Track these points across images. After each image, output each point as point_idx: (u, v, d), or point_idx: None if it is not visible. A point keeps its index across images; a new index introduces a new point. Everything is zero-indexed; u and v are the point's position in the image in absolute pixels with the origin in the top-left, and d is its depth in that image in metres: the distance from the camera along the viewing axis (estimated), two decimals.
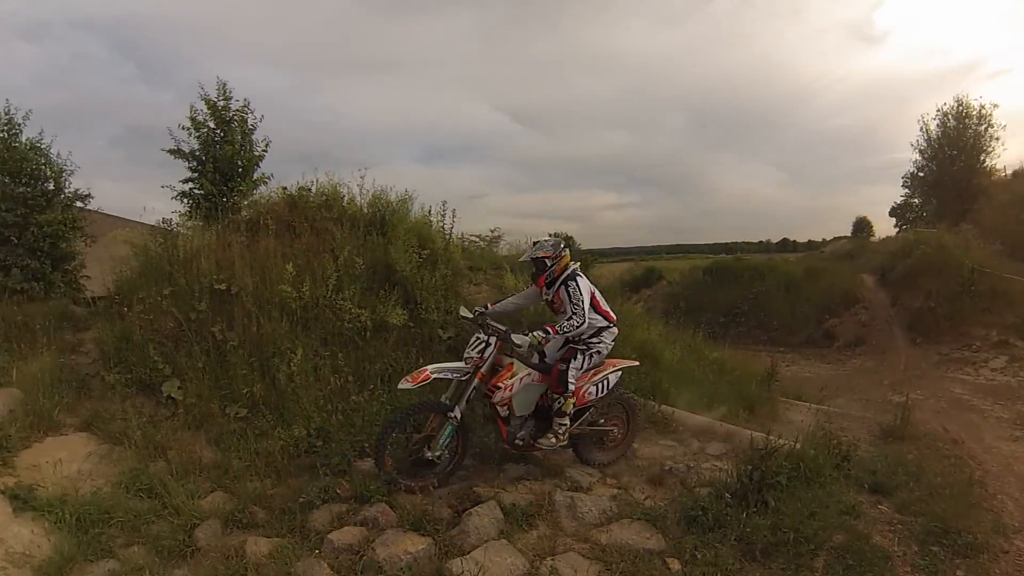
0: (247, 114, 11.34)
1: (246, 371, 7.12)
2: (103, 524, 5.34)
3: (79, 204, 11.10)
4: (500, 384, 6.09)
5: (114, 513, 5.46)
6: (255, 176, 11.43)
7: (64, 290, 10.03)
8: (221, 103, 11.10)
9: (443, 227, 9.28)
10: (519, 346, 6.06)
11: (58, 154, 10.81)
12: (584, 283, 6.28)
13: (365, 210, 9.38)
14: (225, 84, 11.09)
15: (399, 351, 7.78)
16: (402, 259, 8.27)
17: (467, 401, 6.08)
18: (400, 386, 6.00)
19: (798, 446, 6.09)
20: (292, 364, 7.02)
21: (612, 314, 6.54)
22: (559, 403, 6.15)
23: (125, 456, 6.29)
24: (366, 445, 6.49)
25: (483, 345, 6.07)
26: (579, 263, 6.57)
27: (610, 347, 6.52)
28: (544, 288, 6.47)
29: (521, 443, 6.24)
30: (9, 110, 10.54)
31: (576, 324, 6.07)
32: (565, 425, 6.23)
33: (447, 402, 6.08)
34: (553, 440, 6.22)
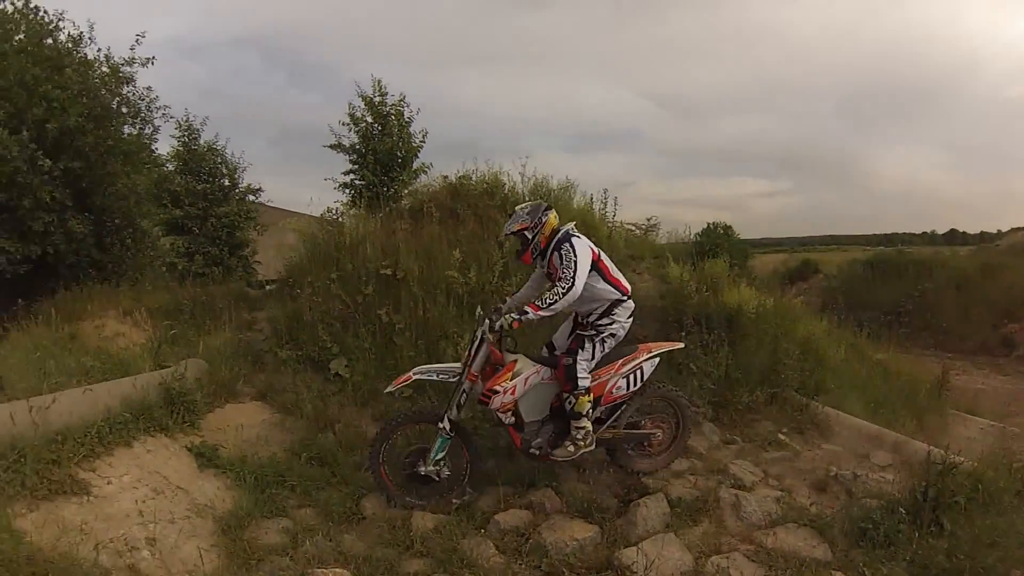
0: (403, 107, 11.92)
1: (412, 353, 7.24)
2: (277, 486, 5.65)
3: (251, 197, 11.95)
4: (497, 387, 5.26)
5: (288, 477, 5.78)
6: (415, 166, 11.93)
7: (239, 274, 10.82)
8: (377, 99, 11.79)
9: (605, 215, 9.15)
10: (486, 332, 5.21)
11: (232, 153, 11.83)
12: (582, 244, 5.21)
13: (527, 198, 9.35)
14: (380, 81, 11.81)
15: None
16: None
17: (459, 407, 5.35)
18: (386, 390, 5.72)
19: (978, 466, 5.55)
20: (459, 348, 7.09)
21: (626, 284, 5.42)
22: (570, 403, 5.22)
23: (296, 426, 6.62)
24: None
25: (475, 341, 5.30)
26: (573, 223, 5.54)
27: (627, 327, 5.38)
28: (539, 263, 5.49)
29: (538, 452, 5.37)
30: (188, 118, 11.59)
31: (561, 292, 4.98)
32: (585, 429, 5.25)
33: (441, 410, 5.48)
34: (571, 449, 5.26)
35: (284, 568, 4.52)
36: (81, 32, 10.74)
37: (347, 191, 11.86)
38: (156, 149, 12.40)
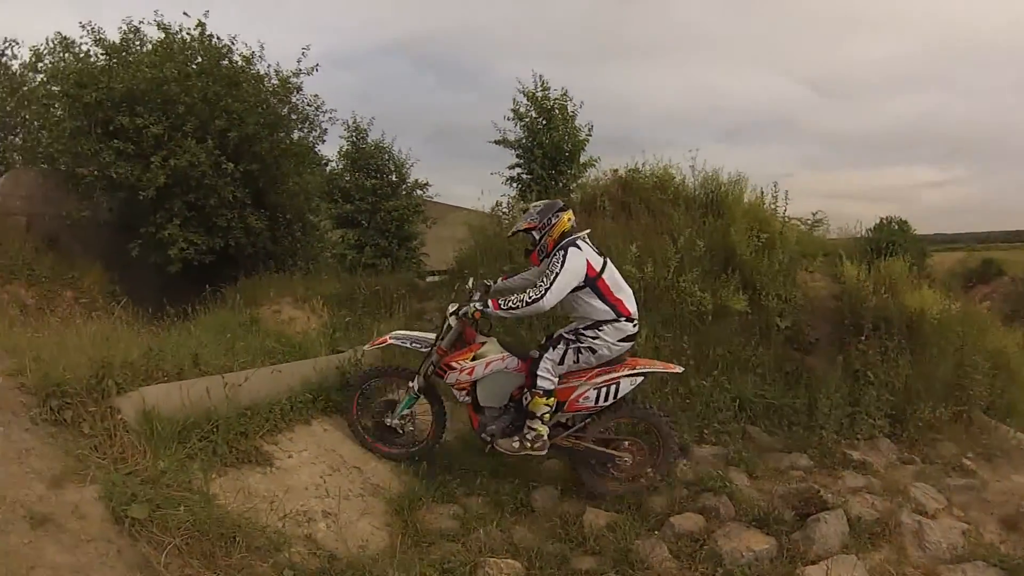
0: (566, 102, 11.92)
1: None
2: (447, 472, 5.63)
3: (418, 192, 12.32)
4: (454, 364, 5.24)
5: (457, 463, 5.76)
6: (582, 160, 11.91)
7: (407, 265, 11.14)
8: (540, 94, 11.82)
9: (775, 209, 8.77)
10: (455, 314, 5.20)
11: (399, 151, 12.32)
12: (576, 257, 4.86)
13: (697, 192, 9.09)
14: (542, 76, 11.89)
15: (739, 338, 7.38)
16: (743, 242, 7.86)
17: (425, 377, 5.43)
18: (364, 347, 5.90)
19: None
20: (636, 343, 6.95)
21: (629, 307, 5.07)
22: (526, 399, 5.03)
23: (464, 414, 6.58)
24: (705, 431, 6.34)
25: (446, 319, 5.29)
26: (587, 231, 5.28)
27: (613, 348, 5.03)
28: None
29: (488, 439, 5.22)
30: (356, 119, 12.17)
31: (528, 300, 4.79)
32: (537, 431, 5.00)
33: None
34: (516, 445, 5.05)
35: (455, 554, 4.46)
36: (252, 51, 11.95)
37: (514, 185, 12.01)
38: (319, 150, 13.44)
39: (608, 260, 5.13)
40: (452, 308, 5.27)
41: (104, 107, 10.47)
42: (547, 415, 4.99)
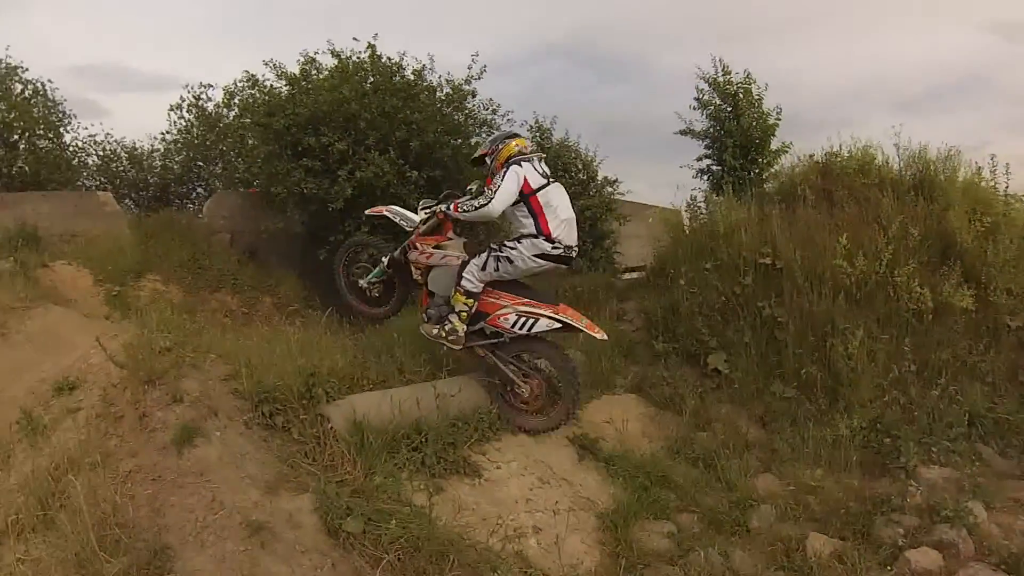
0: (750, 84, 11.32)
1: (800, 350, 6.57)
2: (658, 485, 5.29)
3: (608, 189, 11.94)
4: (418, 245, 5.71)
5: (669, 476, 5.40)
6: (773, 146, 11.20)
7: (603, 264, 10.82)
8: (722, 79, 11.24)
9: (994, 187, 7.68)
10: (422, 209, 5.84)
11: (586, 148, 11.98)
12: (516, 171, 5.25)
13: (904, 172, 8.30)
14: (721, 59, 11.28)
15: (964, 340, 6.63)
16: (963, 228, 7.08)
17: (401, 252, 5.88)
18: (365, 212, 6.58)
19: None
20: (850, 346, 6.26)
21: (551, 228, 5.25)
22: (451, 293, 5.37)
23: (672, 422, 6.26)
24: (934, 449, 5.64)
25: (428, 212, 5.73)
26: (537, 157, 5.58)
27: (528, 263, 5.25)
28: None
29: (425, 320, 5.67)
30: (537, 119, 11.98)
31: (477, 205, 5.22)
32: (453, 325, 5.29)
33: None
34: (435, 332, 5.39)
35: None
36: (423, 64, 12.26)
37: (704, 177, 11.49)
38: None
39: (555, 184, 5.49)
40: (424, 203, 5.88)
41: (292, 131, 11.27)
42: (464, 313, 5.29)
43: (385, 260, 6.07)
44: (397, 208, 6.23)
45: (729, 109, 11.25)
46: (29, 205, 12.06)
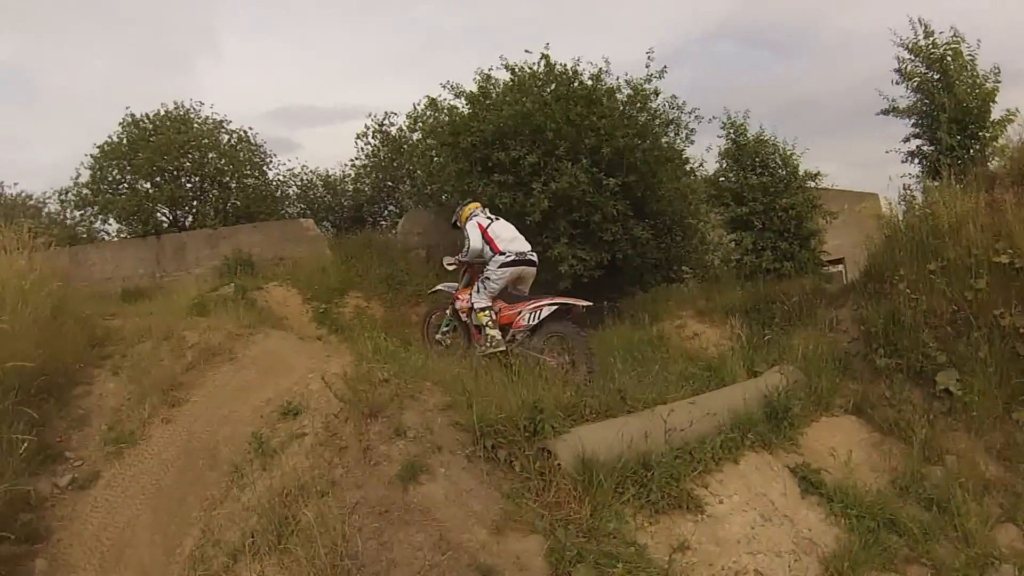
0: (959, 43, 9.65)
1: None
2: (887, 529, 4.91)
3: (811, 183, 11.23)
4: (458, 297, 7.52)
5: (898, 519, 5.00)
6: (996, 116, 9.70)
7: (811, 267, 10.18)
8: (924, 42, 9.80)
9: None
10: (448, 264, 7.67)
11: (784, 141, 11.25)
12: (472, 223, 7.42)
13: None
14: (922, 19, 9.81)
15: None
16: None
17: (452, 306, 7.70)
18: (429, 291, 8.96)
19: None
20: None
21: (500, 247, 7.15)
22: (472, 316, 7.16)
23: (898, 451, 5.82)
24: None
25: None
26: (481, 209, 7.71)
27: (499, 272, 7.03)
28: None
29: (479, 349, 6.95)
30: (729, 114, 11.47)
31: (466, 249, 7.37)
32: (490, 335, 6.88)
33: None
34: (482, 349, 6.86)
35: None
36: (599, 68, 12.19)
37: (915, 160, 10.33)
38: (690, 152, 13.19)
39: (498, 221, 7.55)
40: (447, 260, 7.68)
41: (479, 148, 11.61)
42: (490, 321, 6.95)
43: (448, 313, 7.82)
44: (444, 284, 8.18)
45: (937, 77, 9.65)
46: (243, 235, 13.88)
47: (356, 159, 17.82)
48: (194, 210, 15.32)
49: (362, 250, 12.89)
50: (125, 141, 14.67)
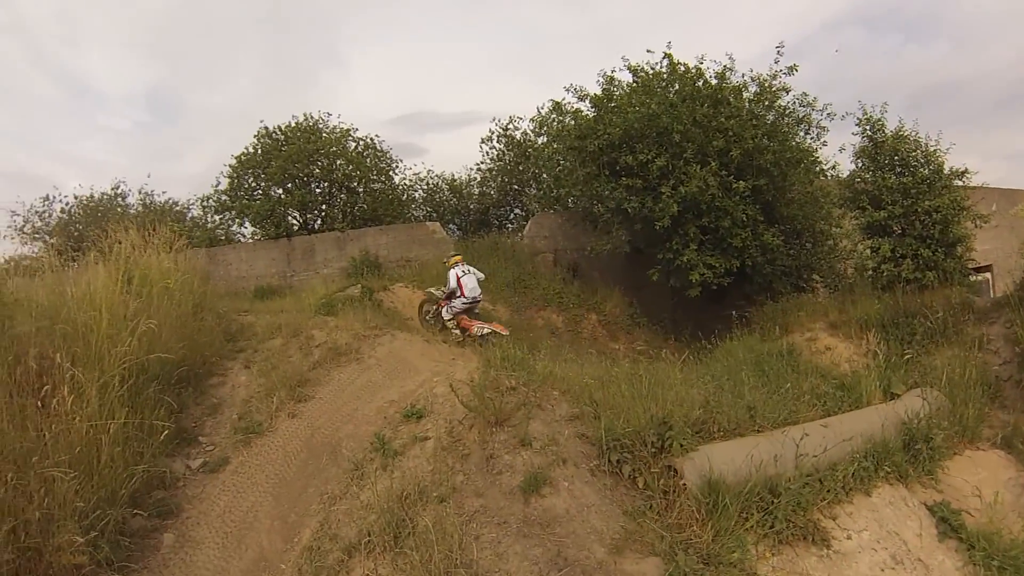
0: None
1: None
2: None
3: (957, 183, 10.36)
4: (442, 305, 10.32)
5: None
6: None
7: (956, 277, 9.40)
8: None
9: None
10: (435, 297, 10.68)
11: (927, 137, 10.40)
12: (451, 274, 10.11)
13: None
14: None
15: None
16: None
17: (437, 308, 10.57)
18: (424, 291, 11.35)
19: None
20: None
21: (465, 292, 10.02)
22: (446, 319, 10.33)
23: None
24: None
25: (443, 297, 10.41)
26: (461, 263, 10.27)
27: (460, 306, 10.06)
28: None
29: (452, 329, 10.15)
30: (865, 109, 10.83)
31: (445, 291, 10.24)
32: (455, 333, 10.00)
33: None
34: (453, 336, 9.92)
35: None
36: (723, 66, 11.90)
37: None
38: (823, 151, 12.63)
39: (470, 270, 10.20)
40: (432, 290, 10.78)
41: (606, 151, 11.48)
42: (454, 326, 10.07)
43: (434, 308, 10.64)
44: (431, 290, 10.83)
45: None
46: (370, 238, 14.54)
47: (481, 163, 18.33)
48: (323, 213, 16.18)
49: (488, 253, 13.09)
50: (259, 151, 15.72)
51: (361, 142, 16.53)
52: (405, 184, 17.94)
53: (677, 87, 11.73)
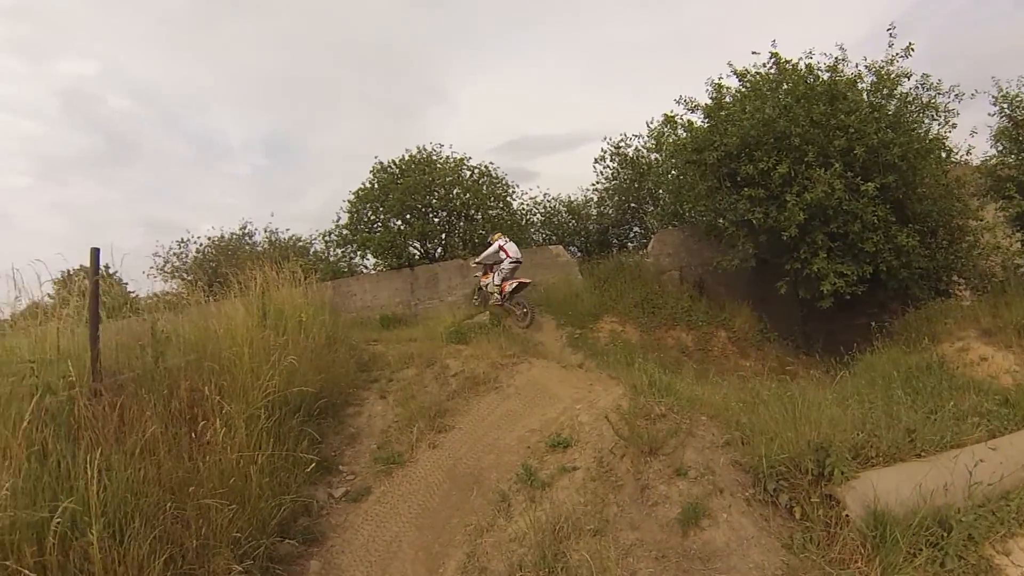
0: None
1: None
2: None
3: None
4: (483, 280, 12.72)
5: None
6: None
7: None
8: None
9: None
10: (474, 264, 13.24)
11: None
12: (493, 246, 12.50)
13: None
14: None
15: None
16: None
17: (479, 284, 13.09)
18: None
19: None
20: None
21: (511, 253, 12.23)
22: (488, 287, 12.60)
23: None
24: None
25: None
26: (501, 238, 12.64)
27: (504, 271, 12.14)
28: None
29: (492, 300, 12.32)
30: (1000, 86, 10.15)
31: (481, 256, 12.71)
32: (495, 296, 12.24)
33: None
34: (493, 300, 12.31)
35: None
36: (836, 58, 11.43)
37: None
38: (948, 138, 11.67)
39: (508, 241, 12.46)
40: (473, 261, 13.22)
41: (725, 162, 11.29)
42: (495, 293, 12.10)
43: (478, 289, 12.87)
44: (474, 268, 13.35)
45: None
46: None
47: (597, 183, 18.42)
48: (443, 242, 16.61)
49: (614, 274, 13.15)
50: (376, 185, 16.37)
51: (476, 170, 16.88)
52: (523, 209, 18.22)
53: (787, 87, 11.31)
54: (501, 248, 12.06)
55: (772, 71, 11.76)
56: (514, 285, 11.70)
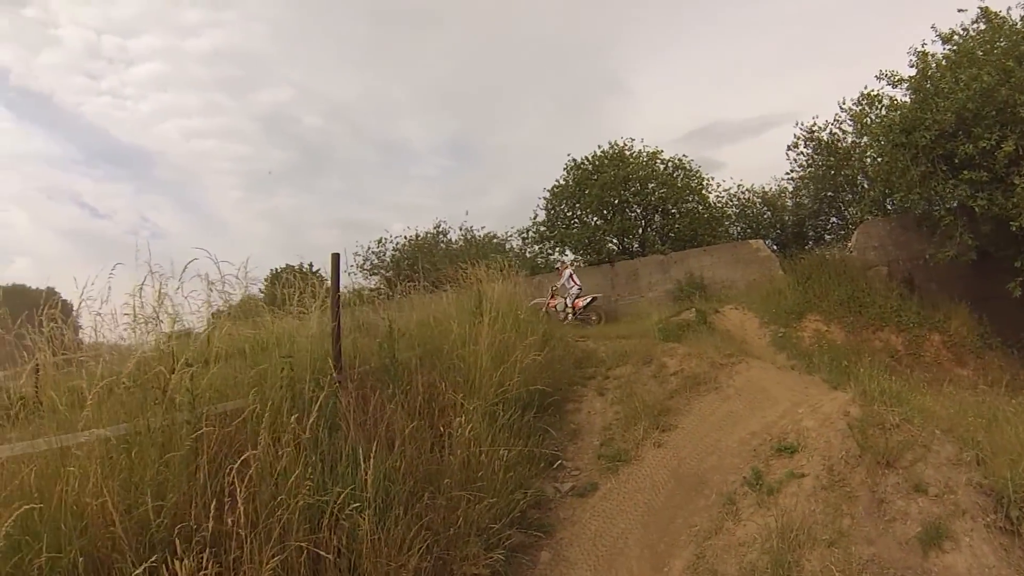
0: None
1: None
2: None
3: None
4: (551, 302, 14.63)
5: None
6: None
7: None
8: None
9: None
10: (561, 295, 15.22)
11: None
12: (566, 273, 15.14)
13: None
14: None
15: None
16: None
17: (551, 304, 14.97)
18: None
19: None
20: None
21: (576, 283, 14.81)
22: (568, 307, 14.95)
23: None
24: None
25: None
26: (572, 267, 15.79)
27: (572, 294, 14.65)
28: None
29: (566, 318, 14.27)
30: None
31: (558, 286, 15.04)
32: (567, 314, 14.40)
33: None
34: (567, 318, 14.21)
35: None
36: None
37: None
38: None
39: (574, 271, 15.53)
40: (540, 300, 14.44)
41: (939, 143, 10.09)
42: (569, 311, 14.66)
43: (545, 308, 13.88)
44: (536, 300, 13.67)
45: None
46: (693, 259, 14.72)
47: (791, 171, 17.35)
48: (640, 237, 16.76)
49: (816, 269, 12.33)
50: (572, 182, 16.76)
51: (669, 163, 16.82)
52: (719, 202, 17.79)
53: (1004, 45, 9.93)
54: (571, 277, 14.94)
55: (983, 29, 10.53)
56: (587, 300, 14.64)
